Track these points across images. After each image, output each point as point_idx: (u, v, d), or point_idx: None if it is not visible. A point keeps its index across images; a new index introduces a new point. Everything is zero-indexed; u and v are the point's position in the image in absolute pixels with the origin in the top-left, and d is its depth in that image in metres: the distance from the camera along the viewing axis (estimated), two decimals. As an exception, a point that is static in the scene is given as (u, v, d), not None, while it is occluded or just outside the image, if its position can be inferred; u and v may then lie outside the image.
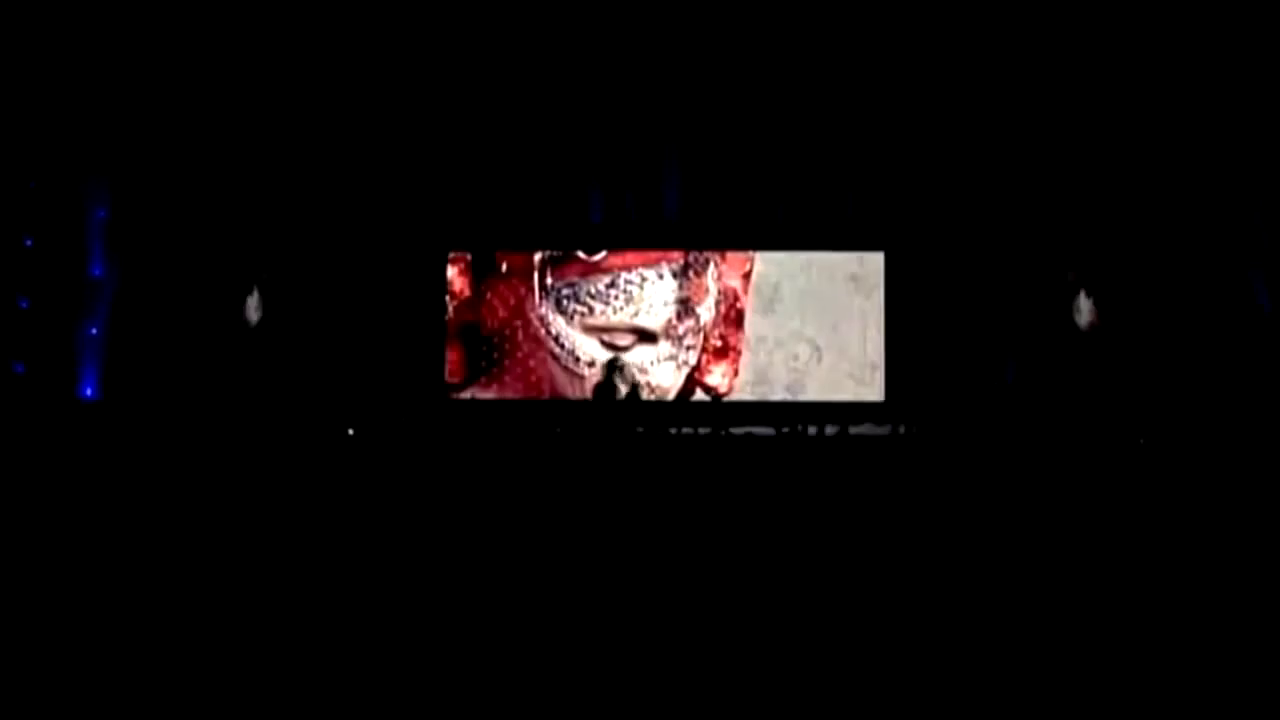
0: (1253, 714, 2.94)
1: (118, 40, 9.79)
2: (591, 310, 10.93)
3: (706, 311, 10.91)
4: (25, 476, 6.47)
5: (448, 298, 10.95)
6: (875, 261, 10.83)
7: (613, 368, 10.77)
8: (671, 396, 10.84)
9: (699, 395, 10.86)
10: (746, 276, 10.93)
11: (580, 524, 4.72)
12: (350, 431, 9.14)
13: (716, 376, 10.88)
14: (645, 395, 10.78)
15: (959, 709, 2.92)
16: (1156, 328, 9.67)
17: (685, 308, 10.91)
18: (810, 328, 10.85)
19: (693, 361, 10.89)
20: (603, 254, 10.97)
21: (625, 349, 10.91)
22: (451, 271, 10.97)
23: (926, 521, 4.73)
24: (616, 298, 10.94)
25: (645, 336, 10.93)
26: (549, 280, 10.95)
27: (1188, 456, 6.42)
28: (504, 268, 11.00)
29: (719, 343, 10.90)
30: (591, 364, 10.88)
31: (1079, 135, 9.91)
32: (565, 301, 10.93)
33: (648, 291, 10.92)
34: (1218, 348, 9.38)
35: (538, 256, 10.98)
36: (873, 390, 10.71)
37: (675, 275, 10.93)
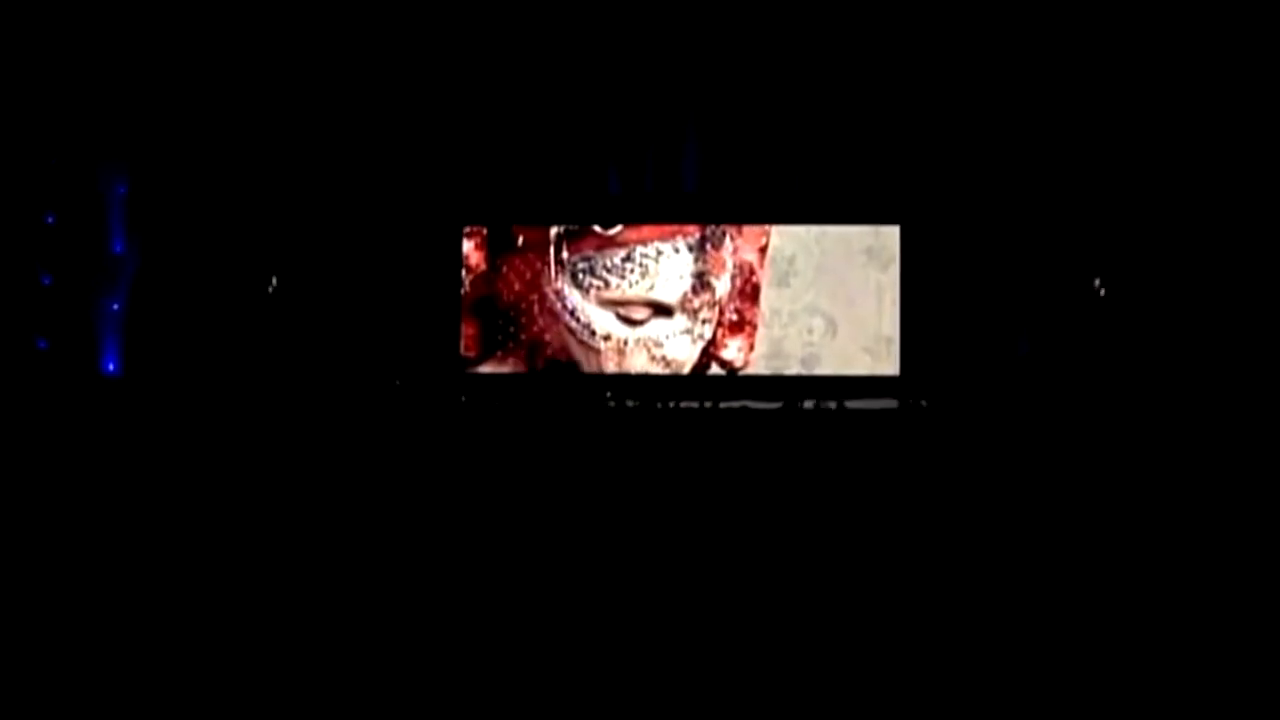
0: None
1: (137, 19, 9.83)
2: (607, 284, 10.95)
3: (722, 285, 10.90)
4: (49, 450, 6.57)
5: (463, 272, 11.01)
6: (891, 234, 10.79)
7: None
8: (687, 370, 10.87)
9: (714, 369, 10.88)
10: (762, 250, 10.91)
11: (589, 499, 4.77)
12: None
13: (732, 350, 10.89)
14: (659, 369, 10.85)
15: (971, 688, 2.93)
16: (1171, 301, 9.60)
17: (701, 281, 10.91)
18: (825, 301, 10.83)
19: (708, 335, 10.90)
20: (619, 228, 10.96)
21: (641, 323, 10.93)
22: (467, 245, 11.01)
23: (934, 498, 4.74)
24: (632, 271, 10.95)
25: (661, 310, 10.94)
26: (565, 254, 10.97)
27: (1199, 431, 6.40)
28: (520, 241, 11.03)
29: (734, 316, 10.90)
30: (607, 338, 10.92)
31: (1096, 109, 9.81)
32: (581, 275, 10.94)
33: (663, 265, 10.93)
34: (1231, 318, 9.32)
35: (553, 230, 11.00)
36: (888, 364, 10.70)
37: (691, 249, 10.92)
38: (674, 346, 10.89)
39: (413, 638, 3.31)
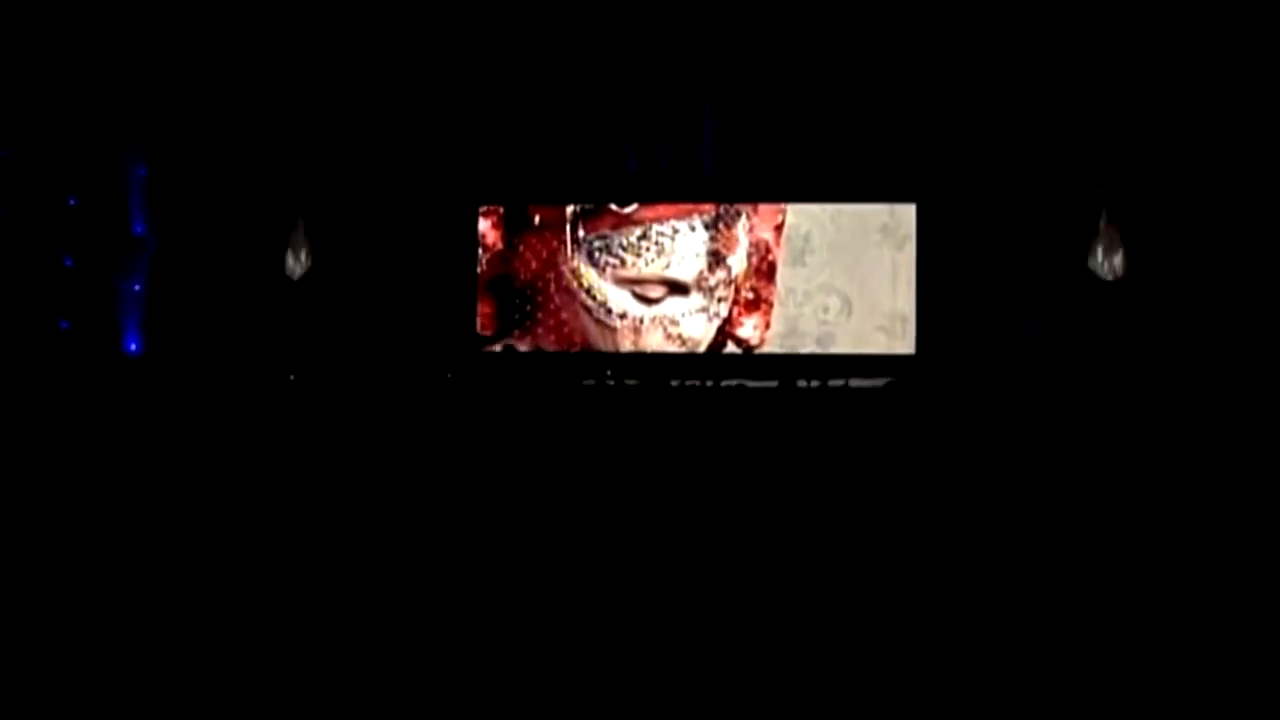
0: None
1: (157, 2, 9.90)
2: (623, 262, 10.97)
3: (738, 263, 10.90)
4: (72, 429, 6.69)
5: (479, 250, 11.06)
6: (907, 213, 10.73)
7: None
8: (703, 348, 10.90)
9: (730, 347, 10.90)
10: (778, 229, 10.89)
11: (581, 476, 4.82)
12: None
13: (748, 329, 10.90)
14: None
15: (982, 672, 2.93)
16: (1186, 281, 9.53)
17: (716, 259, 10.91)
18: (841, 280, 10.80)
19: (724, 313, 10.92)
20: (634, 206, 10.98)
21: (657, 301, 10.96)
22: (483, 224, 11.06)
23: (929, 478, 4.75)
24: (648, 249, 10.96)
25: (677, 288, 10.96)
26: (581, 233, 11.00)
27: (1214, 415, 6.37)
28: (536, 220, 11.06)
29: (750, 295, 10.90)
30: (623, 316, 10.96)
31: (1113, 90, 9.71)
32: (597, 254, 10.97)
33: (679, 243, 10.93)
34: (1248, 303, 9.24)
35: (570, 209, 11.03)
36: (903, 343, 10.69)
37: (707, 227, 10.91)
38: (690, 324, 10.91)
39: (418, 616, 3.38)
